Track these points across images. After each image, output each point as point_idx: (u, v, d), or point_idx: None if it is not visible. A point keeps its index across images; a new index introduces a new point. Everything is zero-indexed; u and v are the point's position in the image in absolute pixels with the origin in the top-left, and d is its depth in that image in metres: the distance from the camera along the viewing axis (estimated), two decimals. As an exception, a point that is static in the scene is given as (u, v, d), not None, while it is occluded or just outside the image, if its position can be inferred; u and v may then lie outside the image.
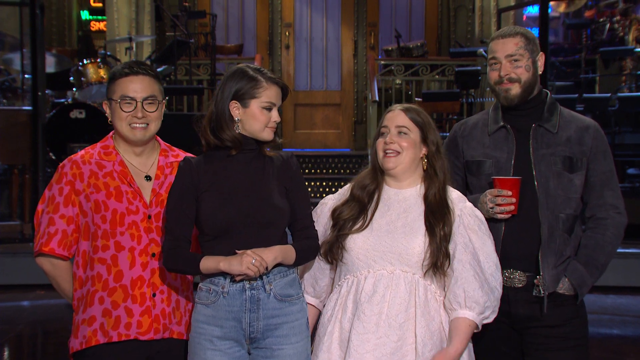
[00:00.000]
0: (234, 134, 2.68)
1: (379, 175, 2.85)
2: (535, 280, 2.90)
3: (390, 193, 2.83)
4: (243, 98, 2.68)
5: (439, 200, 2.76)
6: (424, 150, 2.81)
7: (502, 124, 3.01)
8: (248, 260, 2.57)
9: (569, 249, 2.94)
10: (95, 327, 2.74)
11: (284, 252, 2.67)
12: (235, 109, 2.69)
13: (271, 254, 2.62)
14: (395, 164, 2.78)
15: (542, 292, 2.88)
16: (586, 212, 3.01)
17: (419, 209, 2.77)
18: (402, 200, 2.80)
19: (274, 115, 2.71)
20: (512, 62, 2.95)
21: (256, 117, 2.69)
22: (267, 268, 2.61)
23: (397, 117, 2.81)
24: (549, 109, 3.01)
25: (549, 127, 2.97)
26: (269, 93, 2.69)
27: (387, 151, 2.79)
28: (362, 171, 2.92)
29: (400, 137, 2.78)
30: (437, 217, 2.73)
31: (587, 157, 2.96)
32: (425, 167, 2.82)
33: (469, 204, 2.83)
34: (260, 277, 2.65)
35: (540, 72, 3.01)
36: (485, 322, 2.76)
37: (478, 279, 2.72)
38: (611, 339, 5.77)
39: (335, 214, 2.82)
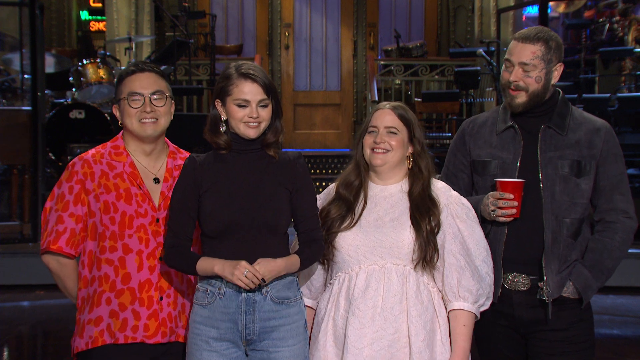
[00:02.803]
0: (222, 134, 2.69)
1: (363, 171, 2.86)
2: (539, 284, 2.87)
3: (376, 190, 2.84)
4: (222, 96, 2.68)
5: (423, 197, 2.78)
6: (410, 149, 2.84)
7: (510, 123, 2.96)
8: (240, 272, 2.55)
9: (574, 253, 2.90)
10: (102, 328, 2.73)
11: (289, 265, 2.65)
12: (220, 107, 2.70)
13: (274, 269, 2.60)
14: (383, 161, 2.80)
15: (546, 298, 2.85)
16: (595, 216, 2.95)
17: (404, 204, 2.79)
18: (389, 197, 2.82)
19: (250, 110, 2.65)
20: (524, 70, 2.88)
21: (230, 114, 2.67)
22: (264, 280, 2.58)
23: (386, 116, 2.83)
24: (560, 109, 2.95)
25: (558, 128, 2.92)
26: (239, 89, 2.65)
27: (376, 149, 2.80)
28: (346, 169, 2.93)
29: (390, 137, 2.80)
30: (422, 212, 2.75)
31: (597, 160, 2.90)
32: (410, 165, 2.84)
33: (455, 193, 2.85)
34: None
35: (555, 82, 2.94)
36: (481, 309, 2.79)
37: (469, 268, 2.76)
38: (611, 339, 5.77)
39: (323, 214, 2.83)
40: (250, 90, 2.65)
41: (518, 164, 2.91)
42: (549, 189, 2.88)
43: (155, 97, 2.79)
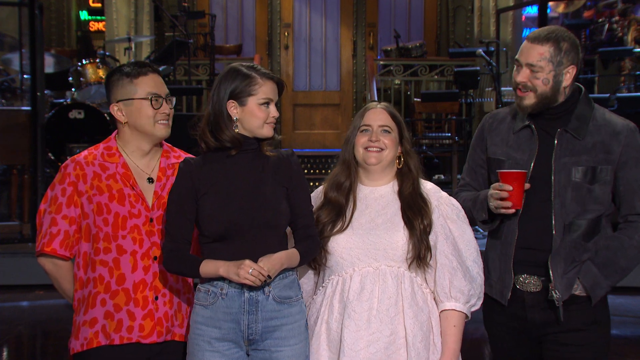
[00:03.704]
0: (233, 134, 2.67)
1: (353, 171, 2.85)
2: (549, 285, 2.83)
3: (365, 192, 2.84)
4: (240, 97, 2.67)
5: (414, 195, 2.79)
6: (399, 149, 2.85)
7: (527, 123, 2.91)
8: (245, 271, 2.55)
9: (586, 254, 2.84)
10: (97, 329, 2.73)
11: (290, 257, 2.66)
12: (233, 109, 2.68)
13: (277, 263, 2.60)
14: (378, 160, 2.80)
15: (556, 302, 2.81)
16: (618, 218, 2.88)
17: (396, 205, 2.79)
18: (379, 198, 2.82)
19: (272, 110, 2.69)
20: (531, 71, 2.83)
21: (254, 114, 2.67)
22: (269, 277, 2.59)
23: (379, 115, 2.83)
24: (581, 111, 2.88)
25: (575, 133, 2.84)
26: (265, 89, 2.67)
27: (370, 147, 2.80)
28: (333, 171, 2.91)
29: (384, 135, 2.81)
30: (414, 211, 2.76)
31: (615, 165, 2.83)
32: (400, 165, 2.85)
33: (444, 194, 2.85)
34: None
35: (567, 85, 2.85)
36: (472, 309, 2.80)
37: (461, 269, 2.76)
38: (610, 340, 5.77)
39: None
40: (272, 90, 2.70)
41: (532, 165, 2.87)
42: (559, 196, 2.83)
43: (169, 98, 2.82)
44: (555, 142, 2.86)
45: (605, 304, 2.93)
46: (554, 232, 2.83)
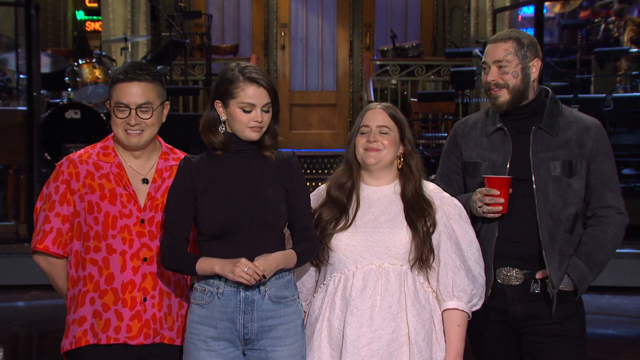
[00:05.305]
0: (219, 135, 2.68)
1: (355, 171, 2.87)
2: (538, 274, 2.88)
3: (368, 191, 2.85)
4: (224, 98, 2.67)
5: (417, 197, 2.80)
6: (401, 149, 2.86)
7: (499, 125, 2.99)
8: (240, 269, 2.55)
9: (572, 248, 2.93)
10: (85, 328, 2.73)
11: (286, 258, 2.65)
12: (220, 109, 2.68)
13: (273, 262, 2.60)
14: (377, 160, 2.81)
15: (551, 295, 2.87)
16: (587, 212, 2.99)
17: (399, 205, 2.81)
18: (382, 197, 2.83)
19: (254, 115, 2.65)
20: (499, 67, 2.92)
21: (235, 118, 2.66)
22: (264, 276, 2.58)
23: (378, 116, 2.84)
24: (550, 109, 2.97)
25: (549, 129, 2.94)
26: (246, 93, 2.64)
27: (369, 148, 2.81)
28: (336, 170, 2.93)
29: (382, 136, 2.82)
30: (417, 213, 2.77)
31: (587, 159, 2.93)
32: (400, 165, 2.86)
33: (446, 194, 2.87)
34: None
35: (534, 78, 2.96)
36: (474, 309, 2.81)
37: (464, 268, 2.78)
38: (607, 339, 5.78)
39: (315, 216, 2.82)
40: (256, 95, 2.65)
41: (508, 165, 2.93)
42: (542, 190, 2.90)
43: (141, 109, 2.75)
44: (531, 139, 2.93)
45: (581, 297, 2.99)
46: (540, 228, 2.88)
